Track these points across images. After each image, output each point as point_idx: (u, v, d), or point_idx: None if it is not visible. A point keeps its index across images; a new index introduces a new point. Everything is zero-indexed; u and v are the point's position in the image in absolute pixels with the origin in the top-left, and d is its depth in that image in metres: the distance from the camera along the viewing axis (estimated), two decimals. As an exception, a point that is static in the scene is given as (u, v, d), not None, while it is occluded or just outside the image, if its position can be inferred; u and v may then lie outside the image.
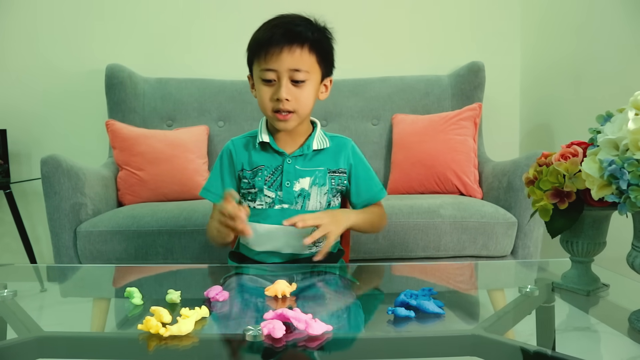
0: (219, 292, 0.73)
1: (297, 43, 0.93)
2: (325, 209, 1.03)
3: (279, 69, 0.93)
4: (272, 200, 1.01)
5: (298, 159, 1.02)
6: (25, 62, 2.21)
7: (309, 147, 1.02)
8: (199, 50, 2.24)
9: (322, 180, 1.02)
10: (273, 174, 1.02)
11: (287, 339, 0.56)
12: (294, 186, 1.00)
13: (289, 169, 1.01)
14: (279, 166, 1.02)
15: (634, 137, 0.57)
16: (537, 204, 0.75)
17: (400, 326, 0.63)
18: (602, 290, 0.77)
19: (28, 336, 0.59)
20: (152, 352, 0.55)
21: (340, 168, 1.05)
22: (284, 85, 0.94)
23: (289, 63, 0.93)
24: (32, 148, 2.24)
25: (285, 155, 1.01)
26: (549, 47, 2.02)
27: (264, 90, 0.96)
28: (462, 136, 1.85)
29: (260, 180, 1.01)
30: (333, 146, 1.05)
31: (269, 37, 0.93)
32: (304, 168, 1.02)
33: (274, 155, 1.02)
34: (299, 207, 1.01)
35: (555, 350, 0.57)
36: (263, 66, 0.95)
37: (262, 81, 0.96)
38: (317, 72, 0.99)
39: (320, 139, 1.04)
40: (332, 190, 1.04)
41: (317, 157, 1.04)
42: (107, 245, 1.48)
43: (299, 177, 1.01)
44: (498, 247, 1.50)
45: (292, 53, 0.93)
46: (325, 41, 0.99)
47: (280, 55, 0.93)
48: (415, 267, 1.16)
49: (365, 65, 2.22)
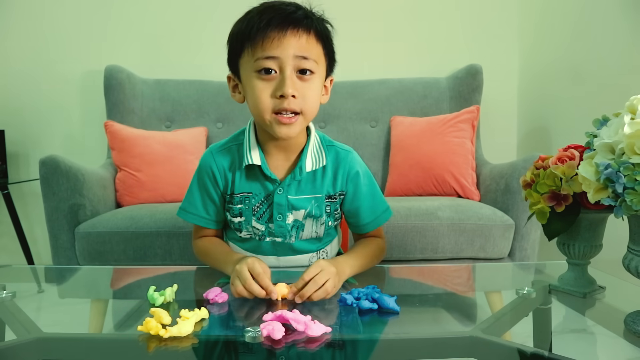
0: (218, 294, 0.74)
1: (302, 27, 0.75)
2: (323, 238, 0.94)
3: (281, 56, 0.74)
4: (262, 232, 0.89)
5: (291, 186, 0.85)
6: (23, 62, 2.20)
7: (301, 170, 0.84)
8: (198, 51, 2.25)
9: (318, 210, 0.88)
10: (262, 204, 0.86)
11: (287, 341, 0.57)
12: (287, 219, 0.86)
13: (281, 201, 0.85)
14: (268, 195, 0.86)
15: (629, 141, 0.57)
16: (534, 206, 0.76)
17: (398, 327, 0.64)
18: (598, 292, 0.77)
19: (27, 337, 0.59)
20: (151, 353, 0.56)
21: (338, 191, 0.89)
22: (289, 77, 0.75)
23: (294, 48, 0.74)
24: (30, 149, 2.23)
25: (276, 184, 0.85)
26: (547, 50, 2.03)
27: (261, 87, 0.76)
28: (460, 139, 1.86)
29: (247, 210, 0.86)
30: (330, 163, 0.88)
31: (268, 20, 0.74)
32: (298, 197, 0.86)
33: (264, 182, 0.86)
34: (292, 240, 0.90)
35: (552, 352, 0.58)
36: (260, 54, 0.75)
37: (258, 74, 0.76)
38: (323, 66, 0.82)
39: (314, 155, 0.86)
40: (330, 216, 0.92)
41: (313, 180, 0.87)
42: (105, 246, 1.48)
43: (292, 210, 0.86)
44: (495, 250, 1.51)
45: (298, 36, 0.74)
46: (329, 36, 0.82)
47: (284, 39, 0.74)
48: (413, 269, 1.16)
49: (363, 68, 2.23)
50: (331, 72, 0.86)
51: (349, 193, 0.91)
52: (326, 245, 0.98)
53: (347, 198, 0.91)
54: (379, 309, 0.69)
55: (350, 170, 0.89)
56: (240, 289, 0.71)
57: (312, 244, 0.94)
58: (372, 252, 0.91)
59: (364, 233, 0.96)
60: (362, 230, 0.95)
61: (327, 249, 0.99)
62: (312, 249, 0.95)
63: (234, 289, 0.72)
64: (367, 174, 0.93)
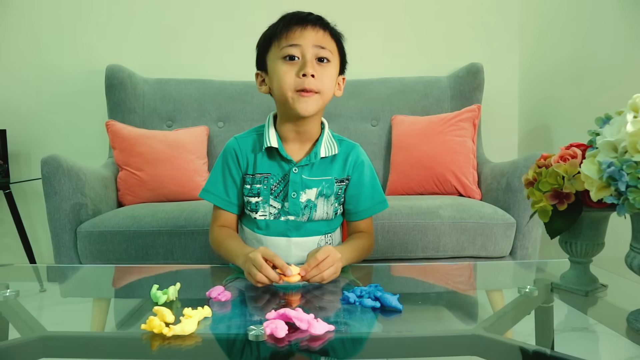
0: (221, 292, 0.74)
1: (320, 25, 0.91)
2: (333, 220, 1.02)
3: (303, 44, 0.89)
4: (278, 211, 0.97)
5: (305, 168, 0.96)
6: (25, 62, 2.21)
7: (316, 154, 0.96)
8: (199, 50, 2.25)
9: (329, 190, 0.98)
10: (279, 184, 0.97)
11: (290, 339, 0.57)
12: (300, 197, 0.96)
13: (296, 179, 0.95)
14: (285, 175, 0.97)
15: (632, 139, 0.57)
16: (536, 205, 0.76)
17: (401, 326, 0.64)
18: (600, 290, 0.77)
19: (31, 336, 0.59)
20: (155, 352, 0.56)
21: (345, 176, 1.00)
22: (310, 60, 0.88)
23: (314, 39, 0.89)
24: (31, 148, 2.24)
25: (292, 164, 0.96)
26: (548, 48, 2.03)
27: (286, 69, 0.89)
28: (461, 137, 1.86)
29: (265, 189, 0.97)
30: (341, 152, 1.00)
31: (289, 19, 0.90)
32: (311, 178, 0.97)
33: (281, 163, 0.97)
34: (305, 219, 0.98)
35: (554, 350, 0.58)
36: (284, 44, 0.89)
37: (283, 60, 0.89)
38: (337, 59, 0.96)
39: (328, 144, 0.98)
40: (339, 198, 1.01)
41: (325, 165, 0.99)
42: (107, 245, 1.48)
43: (305, 188, 0.96)
44: (497, 248, 1.51)
45: (316, 31, 0.90)
46: (340, 37, 0.97)
47: (305, 31, 0.89)
48: (414, 267, 1.16)
49: (364, 67, 2.22)
50: (343, 71, 1.01)
51: (353, 179, 1.01)
52: (333, 232, 1.04)
53: (351, 184, 1.01)
54: (382, 307, 0.70)
55: (357, 159, 1.01)
56: (260, 277, 0.77)
57: (322, 226, 1.01)
58: (363, 247, 1.00)
59: (358, 221, 1.04)
60: (358, 216, 1.03)
61: (333, 236, 1.04)
62: (322, 231, 1.01)
63: (252, 277, 0.78)
64: (370, 166, 1.04)
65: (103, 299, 0.88)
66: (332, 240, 1.03)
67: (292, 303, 0.73)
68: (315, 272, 0.78)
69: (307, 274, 0.78)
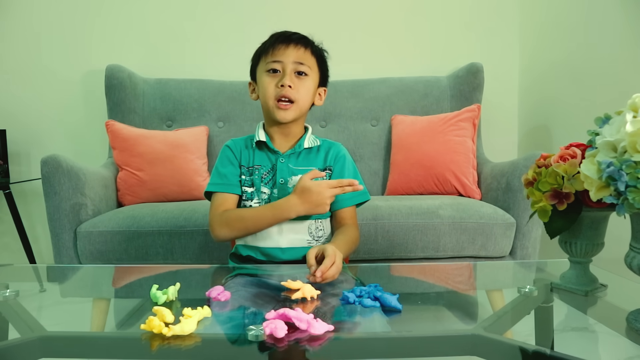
0: (221, 292, 0.74)
1: (301, 44, 1.05)
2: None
3: (284, 61, 1.03)
4: (268, 196, 1.06)
5: (291, 157, 1.08)
6: (25, 62, 2.21)
7: (300, 145, 1.08)
8: (199, 51, 2.25)
9: None
10: (268, 173, 1.08)
11: (289, 339, 0.57)
12: (288, 183, 1.06)
13: (282, 167, 1.07)
14: (273, 165, 1.08)
15: (632, 139, 0.57)
16: (536, 205, 0.76)
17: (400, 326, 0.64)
18: (600, 290, 0.77)
19: (31, 336, 0.59)
20: (155, 352, 0.56)
21: (327, 166, 1.10)
22: (289, 74, 1.02)
23: (294, 56, 1.03)
24: (31, 148, 2.24)
25: (279, 154, 1.08)
26: (548, 48, 2.03)
27: (269, 80, 1.04)
28: (461, 137, 1.86)
29: (257, 178, 1.07)
30: (324, 146, 1.12)
31: (276, 38, 1.05)
32: (296, 167, 1.08)
33: (269, 155, 1.09)
34: None
35: (554, 350, 0.58)
36: (269, 59, 1.04)
37: (267, 73, 1.04)
38: (317, 73, 1.08)
39: (311, 140, 1.11)
40: None
41: (309, 156, 1.10)
42: (107, 245, 1.48)
43: (291, 175, 1.06)
44: (497, 248, 1.51)
45: (297, 49, 1.04)
46: (323, 56, 1.10)
47: (287, 49, 1.03)
48: (414, 267, 1.16)
49: (364, 66, 2.23)
50: (325, 84, 1.13)
51: (336, 170, 1.11)
52: (324, 219, 1.09)
53: (334, 175, 1.10)
54: (381, 307, 0.70)
55: (338, 153, 1.13)
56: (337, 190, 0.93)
57: None
58: (352, 240, 1.05)
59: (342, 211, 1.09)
60: (342, 205, 1.08)
61: (323, 223, 1.09)
62: (312, 216, 1.05)
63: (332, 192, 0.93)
64: (351, 161, 1.14)
65: (103, 299, 0.88)
66: (323, 226, 1.08)
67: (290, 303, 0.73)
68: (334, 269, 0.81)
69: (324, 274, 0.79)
